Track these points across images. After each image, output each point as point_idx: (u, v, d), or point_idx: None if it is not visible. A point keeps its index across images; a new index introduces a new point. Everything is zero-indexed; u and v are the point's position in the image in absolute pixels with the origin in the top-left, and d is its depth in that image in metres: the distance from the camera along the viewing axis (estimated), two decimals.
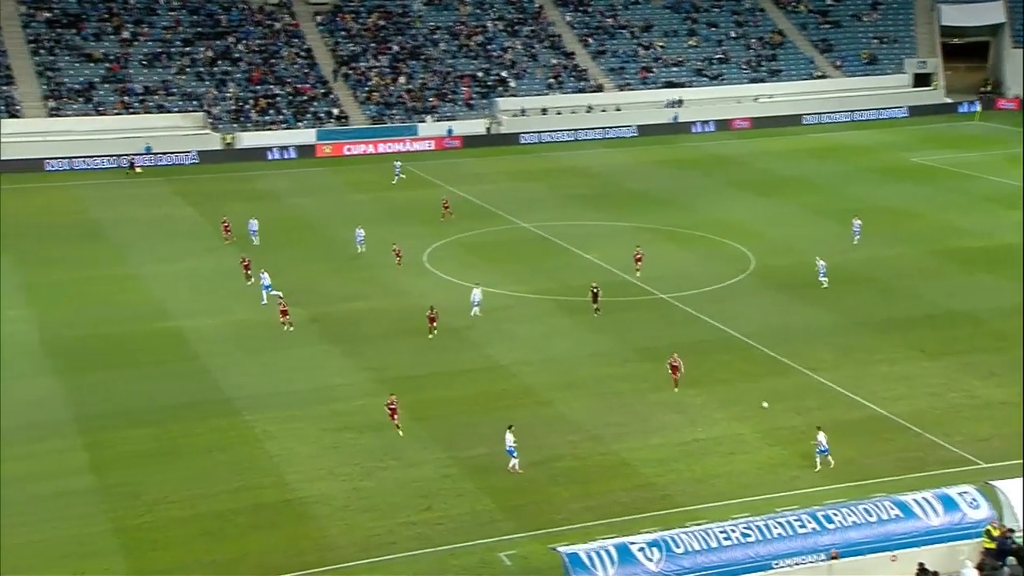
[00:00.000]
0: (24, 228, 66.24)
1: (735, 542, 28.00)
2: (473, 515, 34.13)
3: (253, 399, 42.34)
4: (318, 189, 78.25)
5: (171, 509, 34.18)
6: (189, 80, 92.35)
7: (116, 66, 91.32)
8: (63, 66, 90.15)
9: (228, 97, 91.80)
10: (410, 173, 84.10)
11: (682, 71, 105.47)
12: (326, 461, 37.47)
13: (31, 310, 51.76)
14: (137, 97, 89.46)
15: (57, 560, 31.26)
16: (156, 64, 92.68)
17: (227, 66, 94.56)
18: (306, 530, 33.22)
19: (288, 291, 54.50)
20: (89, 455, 37.55)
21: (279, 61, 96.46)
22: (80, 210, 71.53)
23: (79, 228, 66.49)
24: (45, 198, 74.99)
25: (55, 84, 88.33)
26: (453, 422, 40.60)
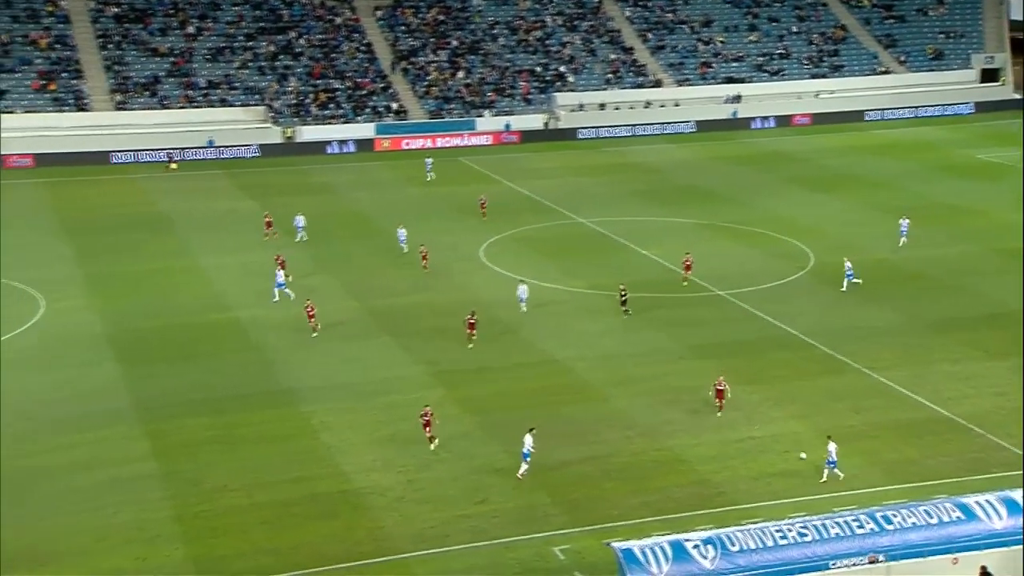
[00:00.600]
0: (89, 220, 67.50)
1: (792, 541, 27.70)
2: (527, 509, 34.16)
3: (310, 390, 42.75)
4: (376, 183, 78.76)
5: (230, 497, 34.63)
6: (251, 74, 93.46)
7: (181, 60, 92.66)
8: (130, 60, 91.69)
9: (289, 91, 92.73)
10: (467, 168, 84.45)
11: (742, 66, 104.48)
12: (382, 452, 37.73)
13: (94, 300, 52.70)
14: (200, 91, 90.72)
15: (120, 545, 31.82)
16: (219, 58, 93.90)
17: (288, 60, 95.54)
18: (362, 521, 33.48)
19: (345, 284, 55.00)
20: (151, 443, 38.16)
21: (339, 56, 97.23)
22: (144, 202, 72.71)
23: (142, 220, 67.58)
24: (110, 190, 76.32)
25: (122, 78, 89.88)
26: (508, 416, 40.63)
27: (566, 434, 39.10)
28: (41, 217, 68.03)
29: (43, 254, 59.87)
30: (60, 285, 54.34)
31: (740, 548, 27.41)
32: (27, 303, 51.64)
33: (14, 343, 47.01)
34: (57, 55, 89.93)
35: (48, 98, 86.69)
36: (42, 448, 37.68)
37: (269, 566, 31.06)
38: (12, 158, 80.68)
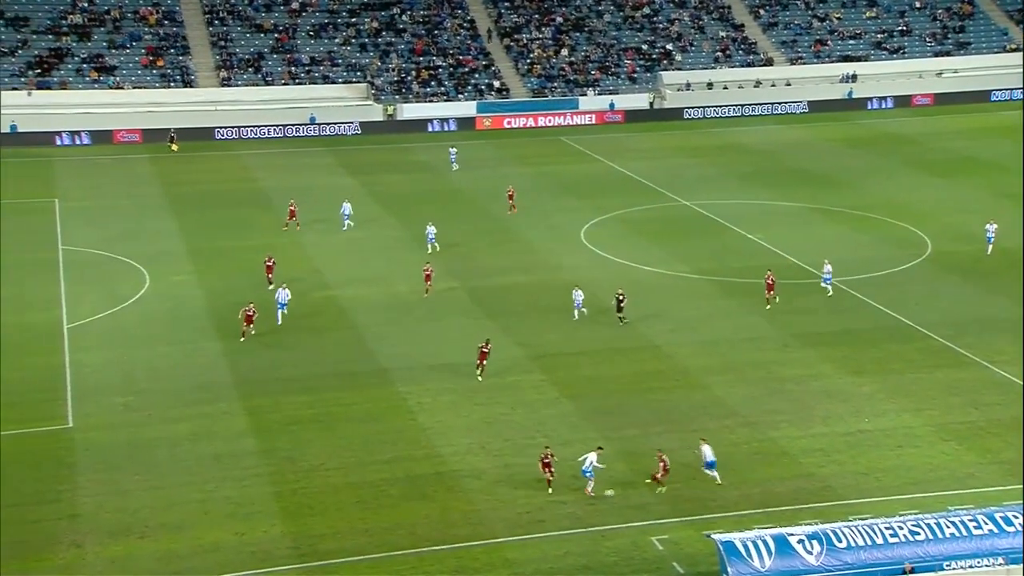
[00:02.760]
0: (194, 195, 69.14)
1: (902, 540, 27.04)
2: (625, 497, 33.95)
3: (407, 370, 43.16)
4: (477, 162, 79.00)
5: (327, 476, 35.20)
6: (353, 51, 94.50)
7: (284, 37, 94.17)
8: (235, 36, 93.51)
9: (391, 68, 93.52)
10: (568, 147, 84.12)
11: (859, 44, 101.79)
12: (478, 435, 37.90)
13: (198, 275, 53.97)
14: (303, 68, 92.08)
15: (220, 520, 32.62)
16: (322, 35, 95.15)
17: (391, 37, 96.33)
18: (457, 503, 33.71)
19: (444, 263, 55.32)
20: (250, 419, 39.00)
21: (442, 32, 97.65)
22: (247, 178, 74.19)
23: (245, 196, 68.99)
24: (214, 166, 78.06)
25: (227, 54, 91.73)
26: (605, 402, 40.46)
27: (664, 421, 38.75)
28: (147, 192, 69.92)
29: (149, 229, 61.51)
30: (165, 260, 55.79)
31: (847, 545, 26.86)
32: (134, 277, 53.18)
33: (121, 316, 48.47)
34: (165, 31, 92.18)
35: (156, 74, 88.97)
36: (148, 420, 38.81)
37: (363, 546, 31.50)
38: (120, 133, 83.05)
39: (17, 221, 62.01)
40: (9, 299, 49.87)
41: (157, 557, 30.77)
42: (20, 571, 29.91)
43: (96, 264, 55.09)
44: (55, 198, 66.98)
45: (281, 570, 30.45)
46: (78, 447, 36.74)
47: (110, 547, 31.11)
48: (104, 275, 53.59)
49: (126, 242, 58.24)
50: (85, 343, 45.25)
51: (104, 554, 30.81)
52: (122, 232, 60.23)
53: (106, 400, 40.18)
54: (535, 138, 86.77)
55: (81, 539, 31.40)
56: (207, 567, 30.39)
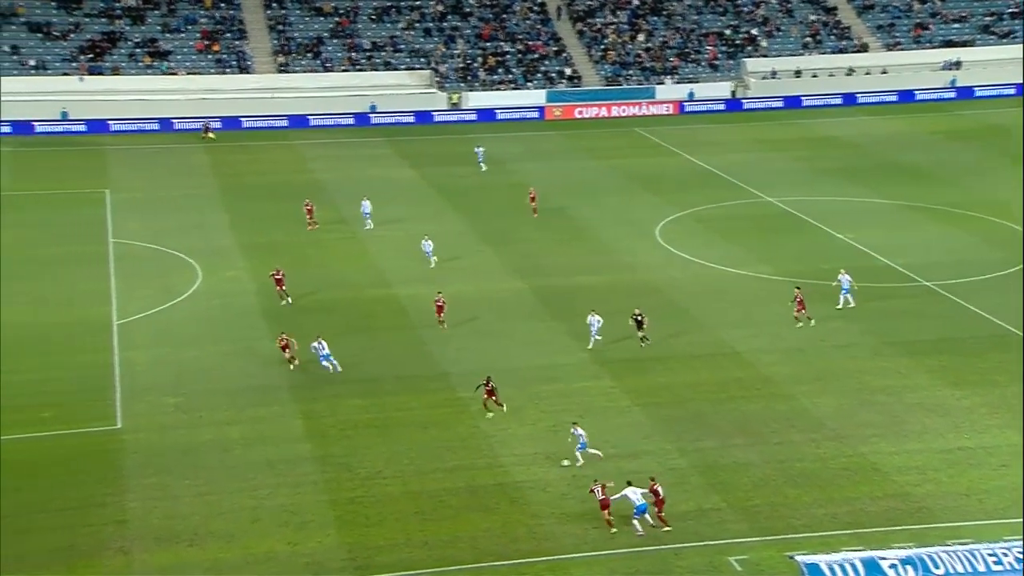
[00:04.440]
0: (248, 186, 70.06)
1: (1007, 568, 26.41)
2: (700, 513, 33.68)
3: (471, 374, 43.17)
4: (546, 154, 79.00)
5: (385, 485, 35.39)
6: (417, 36, 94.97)
7: (345, 20, 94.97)
8: (294, 20, 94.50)
9: (456, 54, 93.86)
10: (643, 139, 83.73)
11: (964, 28, 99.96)
12: (544, 445, 37.84)
13: (251, 271, 54.60)
14: (364, 53, 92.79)
15: (273, 528, 32.96)
16: (384, 19, 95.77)
17: (456, 21, 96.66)
18: (521, 516, 33.68)
19: (509, 262, 55.39)
20: (304, 423, 39.36)
21: (511, 16, 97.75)
22: (302, 170, 74.97)
23: (301, 188, 69.59)
24: (269, 156, 78.97)
25: (285, 39, 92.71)
26: (680, 411, 40.17)
27: (745, 433, 38.38)
28: (200, 183, 70.98)
29: (201, 222, 62.40)
30: (218, 254, 56.56)
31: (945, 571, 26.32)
32: (185, 272, 54.01)
33: (172, 313, 49.24)
34: (221, 14, 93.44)
35: (211, 60, 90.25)
36: (199, 422, 39.35)
37: (422, 559, 31.61)
38: (173, 121, 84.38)
39: (67, 213, 63.35)
40: (58, 294, 50.94)
41: (206, 567, 31.18)
42: None
43: (147, 258, 56.03)
44: (106, 189, 68.26)
45: None
46: (127, 449, 37.39)
47: (158, 555, 31.60)
48: (155, 270, 54.49)
49: (178, 235, 59.15)
50: (135, 340, 46.04)
51: (152, 562, 31.30)
52: (174, 225, 61.18)
53: (156, 400, 40.83)
54: (608, 129, 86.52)
55: (128, 545, 31.94)
56: None
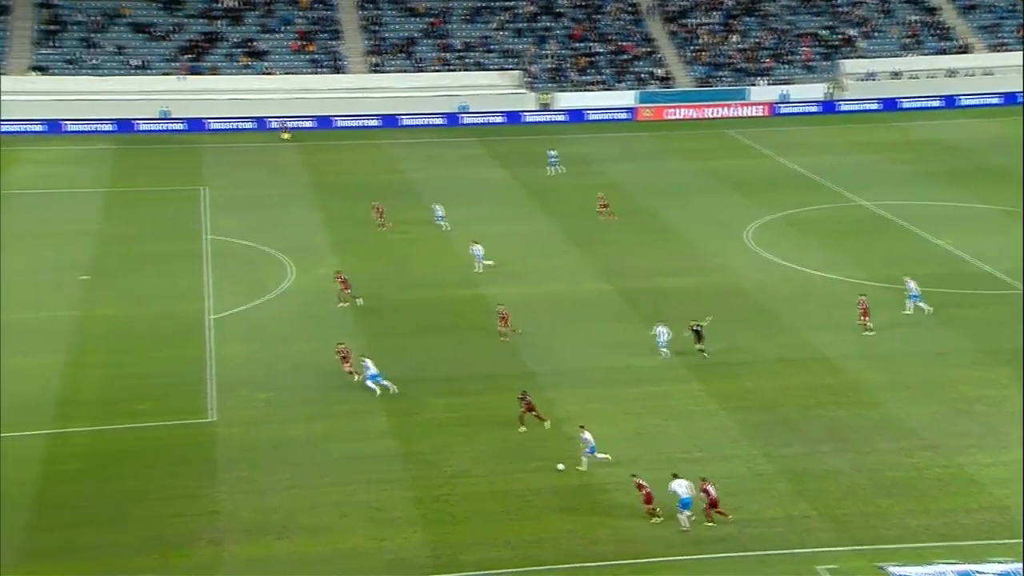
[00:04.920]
0: (340, 185, 70.96)
1: None
2: (788, 520, 33.32)
3: (556, 375, 43.32)
4: (637, 155, 78.74)
5: (469, 483, 35.65)
6: (508, 37, 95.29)
7: (438, 21, 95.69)
8: (387, 20, 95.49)
9: (547, 55, 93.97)
10: (734, 141, 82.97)
11: None
12: (628, 447, 37.74)
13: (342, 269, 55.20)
14: (456, 53, 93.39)
15: (360, 524, 33.41)
16: (477, 19, 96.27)
17: (548, 21, 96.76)
18: (604, 518, 33.65)
19: (598, 263, 55.35)
20: (391, 421, 39.79)
21: (603, 17, 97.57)
22: (393, 169, 75.72)
23: (391, 187, 70.38)
24: (360, 155, 79.89)
25: (378, 39, 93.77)
26: (769, 416, 39.77)
27: (835, 439, 37.87)
28: (293, 181, 72.12)
29: (294, 220, 63.37)
30: (310, 252, 57.42)
31: None
32: (278, 269, 54.97)
33: (265, 309, 50.15)
34: (317, 15, 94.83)
35: (306, 59, 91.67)
36: (289, 418, 40.04)
37: (506, 559, 31.78)
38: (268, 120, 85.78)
39: (165, 209, 64.87)
40: (155, 289, 52.20)
41: (294, 560, 31.73)
42: (161, 567, 31.29)
43: (241, 255, 57.11)
44: (202, 186, 69.74)
45: None
46: (219, 442, 38.20)
47: (248, 547, 32.25)
48: (248, 266, 55.52)
49: (271, 233, 60.19)
50: (228, 335, 46.99)
51: (242, 554, 31.95)
52: (267, 222, 62.25)
53: (248, 395, 41.64)
54: (698, 131, 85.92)
55: (219, 537, 32.64)
56: (344, 572, 31.17)
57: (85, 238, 59.00)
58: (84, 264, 54.98)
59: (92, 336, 46.87)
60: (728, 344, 45.82)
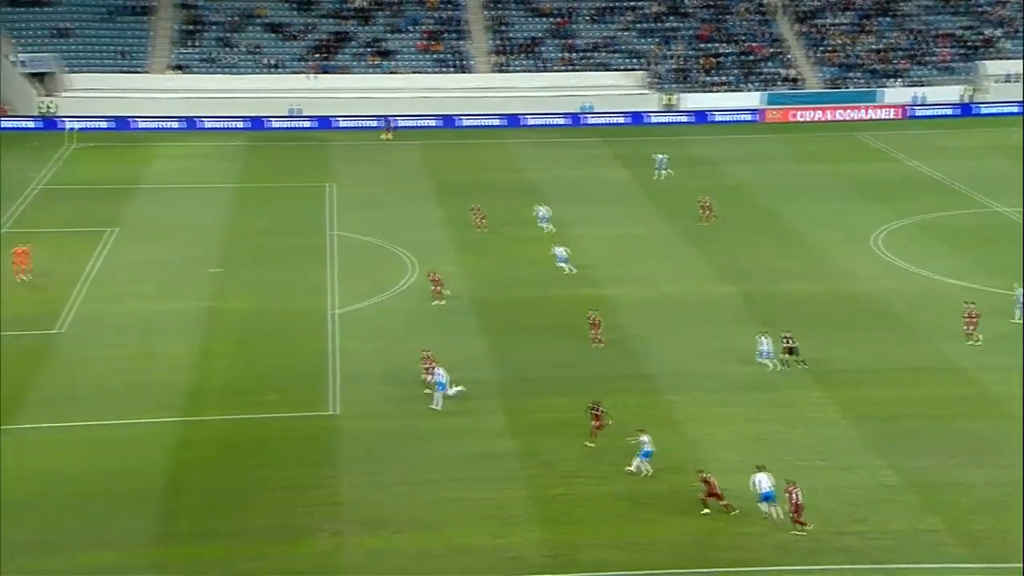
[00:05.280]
0: (461, 184, 71.47)
1: None
2: (915, 534, 32.51)
3: (676, 377, 43.03)
4: (762, 157, 77.68)
5: (586, 484, 35.65)
6: (634, 37, 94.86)
7: (563, 21, 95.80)
8: (513, 20, 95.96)
9: (673, 55, 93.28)
10: (864, 144, 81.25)
11: None
12: (749, 453, 37.27)
13: (463, 267, 55.81)
14: (580, 54, 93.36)
15: (476, 521, 33.70)
16: (602, 19, 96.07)
17: (675, 22, 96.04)
18: (723, 525, 33.31)
19: (719, 265, 54.80)
20: (509, 419, 40.01)
21: (731, 17, 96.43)
22: (515, 168, 76.03)
23: (513, 187, 70.69)
24: (483, 154, 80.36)
25: (503, 39, 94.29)
26: (895, 426, 38.86)
27: (966, 453, 36.84)
28: (417, 179, 72.96)
29: (417, 217, 64.17)
30: (431, 249, 58.05)
31: None
32: (400, 266, 55.76)
33: (387, 305, 50.91)
34: (444, 15, 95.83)
35: (432, 59, 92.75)
36: (409, 413, 40.56)
37: (623, 561, 31.72)
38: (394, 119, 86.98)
39: (292, 205, 66.33)
40: (281, 283, 53.42)
41: (412, 554, 32.16)
42: (286, 554, 32.04)
43: (364, 251, 58.05)
44: (329, 183, 71.12)
45: None
46: (342, 435, 38.94)
47: (368, 539, 32.80)
48: (371, 263, 56.41)
49: (394, 229, 61.01)
50: (351, 330, 47.83)
51: (362, 545, 32.52)
52: (391, 219, 63.12)
53: (370, 390, 42.34)
54: (826, 133, 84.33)
55: (341, 528, 33.27)
56: (461, 569, 31.49)
57: (217, 232, 60.71)
58: (216, 257, 56.60)
59: (222, 327, 48.23)
60: (853, 351, 44.94)
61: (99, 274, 54.09)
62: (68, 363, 44.38)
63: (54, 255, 55.95)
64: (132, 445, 38.02)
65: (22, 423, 39.35)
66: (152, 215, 63.72)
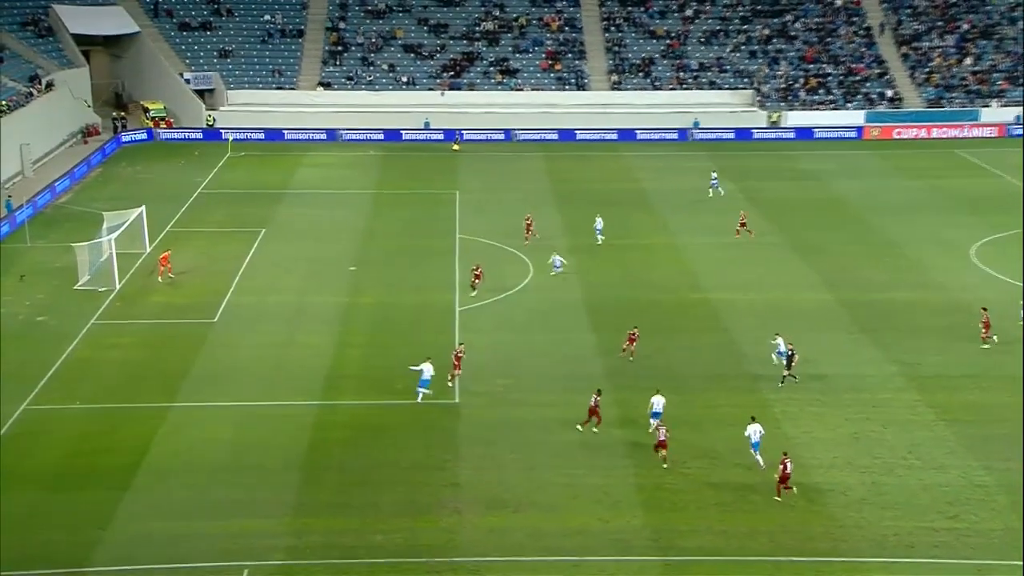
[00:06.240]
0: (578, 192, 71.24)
1: None
2: (1006, 532, 31.38)
3: (776, 378, 42.27)
4: (863, 172, 75.80)
5: (689, 474, 35.31)
6: (742, 58, 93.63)
7: (675, 43, 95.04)
8: (628, 42, 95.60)
9: (778, 75, 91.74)
10: (963, 161, 78.62)
11: None
12: (845, 451, 36.49)
13: (577, 270, 55.62)
14: (691, 73, 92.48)
15: (586, 505, 33.70)
16: (713, 41, 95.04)
17: (781, 44, 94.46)
18: (818, 518, 32.67)
19: (821, 274, 53.72)
20: (618, 411, 39.82)
21: (835, 40, 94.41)
22: (629, 179, 75.58)
23: (626, 196, 70.25)
24: (600, 166, 79.96)
25: (619, 59, 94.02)
26: (990, 430, 37.58)
27: None
28: (537, 188, 72.96)
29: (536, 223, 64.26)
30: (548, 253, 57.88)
31: None
32: (519, 268, 55.92)
33: (506, 303, 51.12)
34: (565, 36, 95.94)
35: (553, 78, 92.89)
36: (524, 403, 40.73)
37: (721, 547, 31.34)
38: (519, 132, 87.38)
39: (423, 210, 67.05)
40: (412, 281, 54.08)
41: (528, 533, 32.26)
42: (410, 528, 32.52)
43: (486, 253, 58.36)
44: (456, 190, 71.74)
45: (641, 560, 30.93)
46: (463, 422, 39.25)
47: (487, 517, 33.02)
48: (492, 264, 56.58)
49: (514, 234, 61.15)
50: (473, 325, 48.16)
51: (481, 523, 32.75)
52: (511, 224, 63.20)
53: (489, 380, 42.56)
54: (926, 150, 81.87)
55: (461, 507, 33.55)
56: (572, 549, 31.48)
57: (355, 233, 61.72)
58: (353, 256, 57.56)
59: (357, 320, 49.01)
60: (949, 357, 43.60)
61: (249, 270, 55.48)
62: (223, 348, 45.63)
63: (213, 251, 57.71)
64: (276, 423, 38.93)
65: (182, 401, 40.64)
66: (297, 217, 65.11)
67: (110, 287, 51.82)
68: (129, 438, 37.74)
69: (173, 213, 64.93)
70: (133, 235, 56.41)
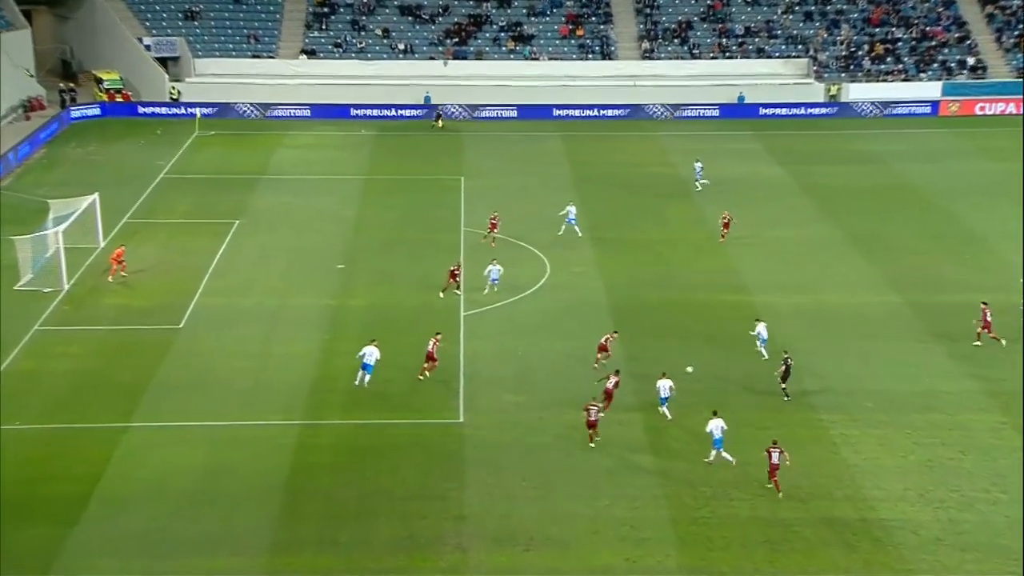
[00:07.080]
0: (601, 177, 71.39)
1: None
2: None
3: (832, 394, 42.32)
4: (939, 154, 75.80)
5: (731, 506, 35.33)
6: (796, 21, 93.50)
7: (718, 3, 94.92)
8: (662, 3, 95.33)
9: (839, 41, 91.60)
10: None
11: None
12: (917, 480, 36.47)
13: (599, 267, 55.66)
14: (736, 39, 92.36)
15: (610, 541, 33.73)
16: (761, 1, 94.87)
17: (842, 4, 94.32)
18: (885, 559, 32.66)
19: (884, 272, 53.68)
20: (647, 434, 39.76)
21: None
22: (663, 163, 75.65)
23: (658, 182, 70.30)
24: (627, 147, 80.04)
25: (651, 23, 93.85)
26: None
27: None
28: (554, 172, 73.04)
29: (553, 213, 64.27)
30: (566, 248, 58.08)
31: None
32: (533, 265, 56.00)
33: (519, 306, 51.19)
34: None
35: (574, 45, 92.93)
36: (540, 423, 40.74)
37: None
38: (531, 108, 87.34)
39: (423, 197, 67.13)
40: (408, 280, 54.08)
41: (542, 573, 32.34)
42: (406, 568, 32.59)
43: (496, 249, 58.38)
44: (461, 175, 71.83)
45: None
46: (468, 444, 39.34)
47: (494, 556, 33.10)
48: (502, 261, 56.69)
49: (527, 226, 61.16)
50: (481, 331, 48.24)
51: (487, 562, 32.83)
52: (523, 215, 63.23)
53: (498, 396, 42.66)
54: (1015, 128, 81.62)
55: (466, 543, 33.65)
56: None
57: (344, 225, 61.89)
58: (341, 252, 57.72)
59: (346, 325, 49.10)
60: None
61: (221, 267, 55.59)
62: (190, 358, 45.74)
63: (179, 246, 57.98)
64: (252, 446, 39.08)
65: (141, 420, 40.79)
66: (276, 206, 65.30)
67: (57, 287, 52.10)
68: (79, 464, 37.91)
69: (131, 201, 65.24)
70: (84, 227, 56.67)
